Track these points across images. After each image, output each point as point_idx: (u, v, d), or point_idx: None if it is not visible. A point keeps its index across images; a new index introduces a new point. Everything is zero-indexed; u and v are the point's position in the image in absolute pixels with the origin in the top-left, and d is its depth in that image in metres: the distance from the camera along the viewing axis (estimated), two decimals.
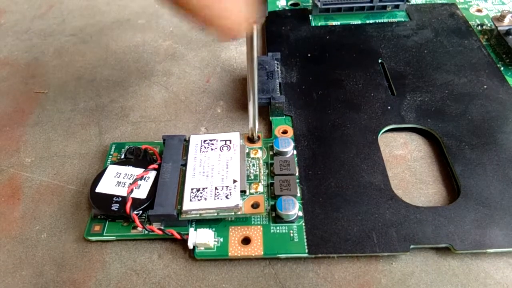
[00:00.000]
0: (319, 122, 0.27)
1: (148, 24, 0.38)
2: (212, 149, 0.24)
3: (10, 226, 0.23)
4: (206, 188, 0.22)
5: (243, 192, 0.23)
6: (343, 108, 0.28)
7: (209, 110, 0.30)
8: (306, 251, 0.21)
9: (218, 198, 0.22)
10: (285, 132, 0.27)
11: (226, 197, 0.22)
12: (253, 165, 0.24)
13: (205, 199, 0.22)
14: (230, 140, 0.24)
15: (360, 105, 0.28)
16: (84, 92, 0.31)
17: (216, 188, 0.22)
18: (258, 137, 0.26)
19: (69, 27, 0.38)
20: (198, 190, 0.22)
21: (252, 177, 0.24)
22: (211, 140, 0.25)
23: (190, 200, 0.22)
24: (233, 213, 0.22)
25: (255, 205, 0.22)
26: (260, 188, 0.23)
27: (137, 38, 0.36)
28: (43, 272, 0.21)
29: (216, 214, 0.22)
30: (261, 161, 0.24)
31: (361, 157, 0.25)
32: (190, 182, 0.23)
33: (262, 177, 0.24)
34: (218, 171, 0.23)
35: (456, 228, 0.21)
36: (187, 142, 0.25)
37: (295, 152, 0.25)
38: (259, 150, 0.25)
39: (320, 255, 0.21)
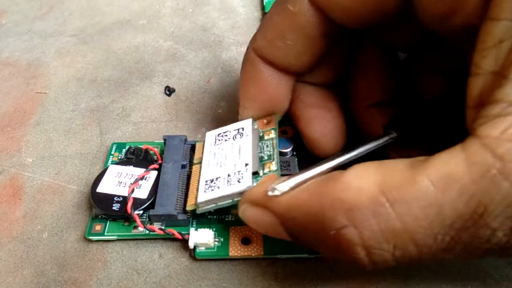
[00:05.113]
0: None
1: (149, 25, 0.38)
2: (226, 140, 0.23)
3: (12, 225, 0.24)
4: (220, 177, 0.22)
5: (255, 173, 0.21)
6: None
7: (210, 111, 0.30)
8: (307, 251, 0.21)
9: (230, 184, 0.21)
10: (285, 132, 0.27)
11: (238, 181, 0.21)
12: (267, 146, 0.23)
13: (218, 187, 0.21)
14: (242, 128, 0.24)
15: None
16: (85, 92, 0.31)
17: (228, 175, 0.21)
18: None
19: (70, 27, 0.38)
20: (212, 180, 0.22)
21: (266, 158, 0.22)
22: (224, 132, 0.24)
23: (205, 191, 0.21)
24: None
25: None
26: (273, 167, 0.22)
27: (138, 39, 0.36)
28: (44, 272, 0.22)
29: (231, 201, 0.21)
30: (275, 141, 0.23)
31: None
32: (205, 175, 0.22)
33: (275, 155, 0.22)
34: (231, 158, 0.22)
35: None
36: (187, 142, 0.25)
37: (295, 152, 0.25)
38: (272, 131, 0.24)
39: (320, 255, 0.21)
